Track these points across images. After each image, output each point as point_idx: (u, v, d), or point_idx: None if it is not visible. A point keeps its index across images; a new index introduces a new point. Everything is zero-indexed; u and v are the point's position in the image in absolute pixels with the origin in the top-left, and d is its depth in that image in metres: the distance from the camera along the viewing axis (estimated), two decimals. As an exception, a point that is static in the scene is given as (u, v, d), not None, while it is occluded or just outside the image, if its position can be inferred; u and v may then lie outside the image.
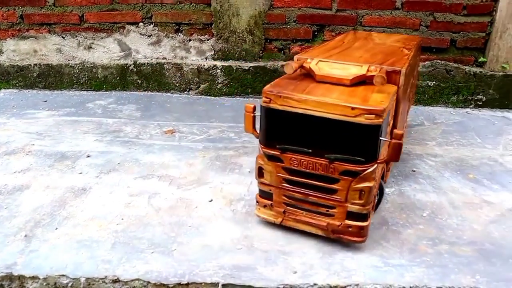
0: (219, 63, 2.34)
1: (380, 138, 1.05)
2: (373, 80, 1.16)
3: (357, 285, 1.03)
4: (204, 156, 1.67)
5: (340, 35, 1.78)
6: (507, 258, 1.15)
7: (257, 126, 1.17)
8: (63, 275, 1.07)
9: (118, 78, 2.42)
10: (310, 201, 1.16)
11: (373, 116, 1.01)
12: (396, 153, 1.06)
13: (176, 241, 1.19)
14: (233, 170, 1.57)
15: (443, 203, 1.41)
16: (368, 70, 1.18)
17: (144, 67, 2.38)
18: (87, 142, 1.79)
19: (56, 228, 1.24)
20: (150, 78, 2.40)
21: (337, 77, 1.16)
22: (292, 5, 2.30)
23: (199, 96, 2.36)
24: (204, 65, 2.34)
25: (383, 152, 1.11)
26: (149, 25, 2.40)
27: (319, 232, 1.18)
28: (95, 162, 1.62)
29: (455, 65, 2.35)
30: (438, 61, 2.34)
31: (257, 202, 1.24)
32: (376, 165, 1.08)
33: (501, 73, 2.36)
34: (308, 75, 1.23)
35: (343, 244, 1.17)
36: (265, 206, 1.22)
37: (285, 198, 1.18)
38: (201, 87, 2.38)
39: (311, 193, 1.15)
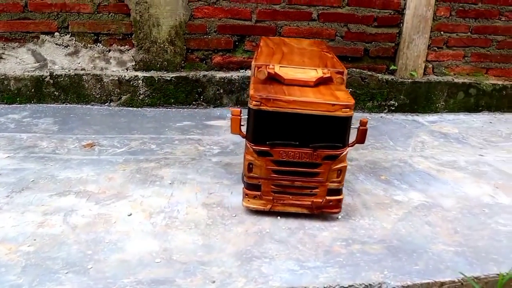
0: (140, 74, 2.31)
1: (352, 126, 1.31)
2: (335, 81, 1.41)
3: (273, 289, 1.06)
4: (124, 169, 1.64)
5: (260, 42, 1.86)
6: (411, 253, 1.24)
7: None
8: (-35, 305, 1.00)
9: (33, 90, 2.30)
10: (296, 186, 1.35)
11: (348, 109, 1.26)
12: (363, 137, 1.36)
13: (92, 259, 1.15)
14: (154, 182, 1.55)
15: (356, 204, 1.49)
16: (323, 73, 1.40)
17: (62, 79, 2.29)
18: (-3, 159, 1.69)
19: (-41, 254, 1.15)
20: (68, 90, 2.31)
21: (303, 80, 1.36)
22: (212, 16, 2.32)
23: (121, 108, 2.31)
24: (125, 76, 2.29)
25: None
26: (66, 35, 2.31)
27: (304, 211, 1.37)
28: (6, 180, 1.53)
29: (369, 73, 2.50)
30: (354, 69, 2.48)
31: (246, 195, 1.37)
32: (348, 148, 1.32)
33: (410, 80, 2.54)
34: (273, 78, 1.38)
35: (261, 251, 1.20)
36: (254, 197, 1.36)
37: (273, 187, 1.35)
38: (122, 98, 2.33)
39: (297, 179, 1.34)
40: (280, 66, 1.42)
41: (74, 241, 1.22)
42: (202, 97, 2.37)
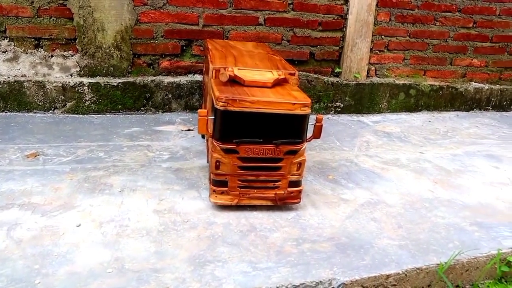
0: (85, 80, 2.25)
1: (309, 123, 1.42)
2: (290, 82, 1.53)
3: (227, 292, 1.07)
4: (71, 178, 1.60)
5: (208, 45, 1.88)
6: (358, 249, 1.30)
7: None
8: None
9: (-31, 98, 2.18)
10: (260, 180, 1.44)
11: (306, 107, 1.37)
12: (319, 132, 1.50)
13: (40, 273, 1.12)
14: (103, 191, 1.52)
15: (306, 205, 1.54)
16: (278, 75, 1.50)
17: (0, 86, 2.19)
18: None
19: None
20: (8, 98, 2.21)
21: (261, 81, 1.45)
22: (159, 21, 2.30)
23: (66, 115, 2.24)
24: (69, 82, 2.23)
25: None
26: (3, 39, 2.21)
27: (269, 203, 1.47)
28: None
29: (315, 75, 2.57)
30: (300, 72, 2.54)
31: (213, 191, 1.43)
32: (306, 143, 1.43)
33: (354, 82, 2.64)
34: (233, 81, 1.45)
35: (214, 255, 1.21)
36: (222, 192, 1.43)
37: (239, 182, 1.42)
38: (67, 105, 2.26)
39: (261, 173, 1.43)
40: (238, 69, 1.49)
41: (19, 256, 1.18)
42: (150, 102, 2.35)
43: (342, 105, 2.64)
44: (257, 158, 1.40)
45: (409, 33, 2.81)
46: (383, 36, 2.74)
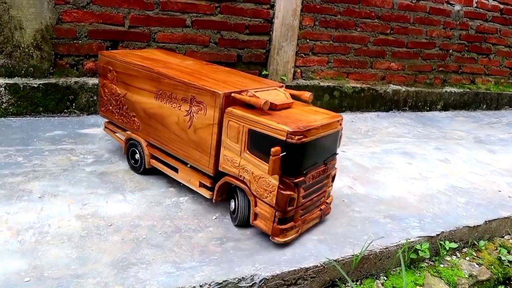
0: (2, 81, 2.13)
1: None
2: (308, 97, 1.50)
3: (150, 294, 1.09)
4: (-14, 185, 1.52)
5: (133, 56, 1.68)
6: (281, 245, 1.36)
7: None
8: None
9: None
10: (314, 202, 1.43)
11: (342, 121, 1.43)
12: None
13: (-51, 286, 1.06)
14: (21, 197, 1.46)
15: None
16: (285, 91, 1.47)
17: None
18: None
19: None
20: None
21: (287, 103, 1.41)
22: (82, 20, 2.24)
23: (-20, 118, 2.12)
24: (-16, 83, 2.10)
25: None
26: None
27: (316, 221, 1.49)
28: None
29: (244, 77, 2.62)
30: (229, 74, 2.58)
31: (283, 230, 1.33)
32: None
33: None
34: (247, 105, 1.35)
35: (137, 257, 1.21)
36: (292, 228, 1.36)
37: (301, 211, 1.37)
38: (-18, 107, 2.14)
39: (315, 195, 1.42)
40: (255, 91, 1.38)
41: None
42: (74, 104, 2.27)
43: (270, 106, 2.71)
44: (316, 181, 1.39)
45: (333, 37, 2.95)
46: (308, 40, 2.86)
